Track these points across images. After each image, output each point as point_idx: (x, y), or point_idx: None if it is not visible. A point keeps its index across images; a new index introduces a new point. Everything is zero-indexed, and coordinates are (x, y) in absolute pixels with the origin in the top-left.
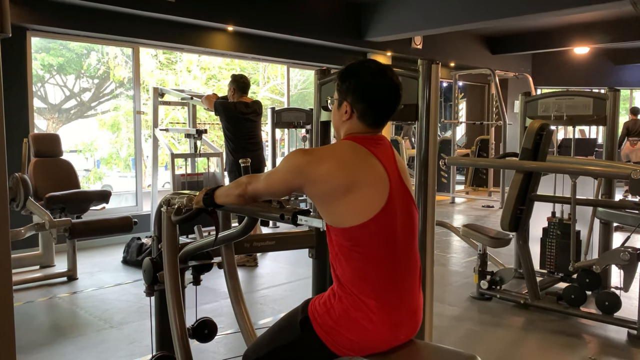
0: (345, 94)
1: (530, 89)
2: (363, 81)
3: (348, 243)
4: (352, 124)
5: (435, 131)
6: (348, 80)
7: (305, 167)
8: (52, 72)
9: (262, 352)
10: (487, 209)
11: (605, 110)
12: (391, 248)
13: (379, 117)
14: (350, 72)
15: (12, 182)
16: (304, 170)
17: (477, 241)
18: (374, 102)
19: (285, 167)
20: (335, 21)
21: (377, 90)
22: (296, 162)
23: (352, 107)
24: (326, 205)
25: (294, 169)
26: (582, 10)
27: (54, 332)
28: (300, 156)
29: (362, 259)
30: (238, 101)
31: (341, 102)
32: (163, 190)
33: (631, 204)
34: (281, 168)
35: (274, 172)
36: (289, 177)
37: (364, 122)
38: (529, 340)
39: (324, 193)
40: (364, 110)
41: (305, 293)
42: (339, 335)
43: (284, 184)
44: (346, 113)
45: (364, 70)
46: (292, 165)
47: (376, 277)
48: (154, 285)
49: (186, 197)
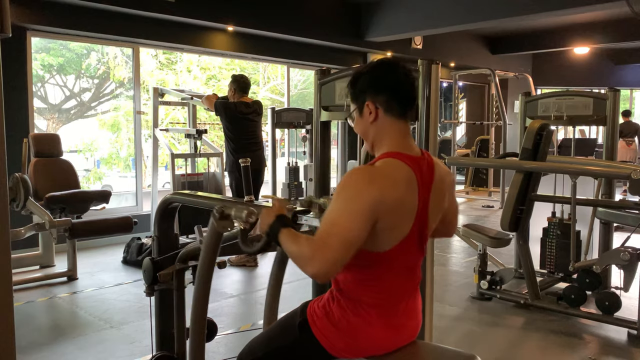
0: (362, 95)
1: (530, 89)
2: (376, 74)
3: (360, 262)
4: (381, 122)
5: (435, 131)
6: (359, 81)
7: (382, 198)
8: (52, 72)
9: (259, 354)
10: (487, 209)
11: (605, 110)
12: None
13: (404, 103)
14: (358, 74)
15: (12, 182)
16: (381, 201)
17: (477, 241)
18: (393, 89)
19: (356, 204)
20: (335, 21)
21: (392, 76)
22: (370, 194)
23: (374, 104)
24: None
25: (371, 203)
26: (582, 10)
27: (54, 332)
28: (370, 186)
29: (367, 274)
30: (239, 101)
31: (362, 106)
32: (163, 190)
33: (631, 204)
34: (351, 208)
35: (340, 217)
36: (368, 215)
37: (392, 114)
38: (529, 340)
39: (392, 222)
40: (387, 101)
41: (305, 294)
42: (338, 338)
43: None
44: (371, 114)
45: (371, 66)
46: (367, 199)
47: (376, 283)
48: (154, 285)
49: (246, 212)
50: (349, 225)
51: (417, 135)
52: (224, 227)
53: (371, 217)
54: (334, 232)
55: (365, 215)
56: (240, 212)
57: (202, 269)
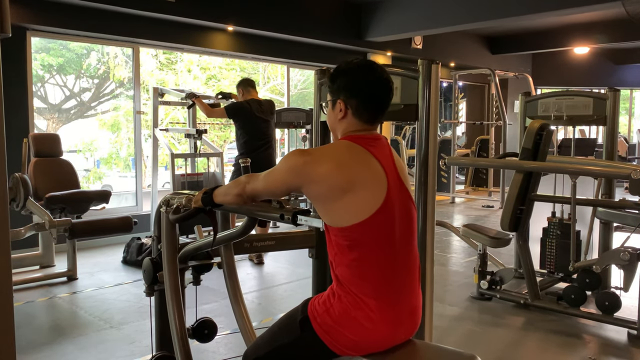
0: (338, 93)
1: (530, 89)
2: (353, 77)
3: (346, 242)
4: (347, 122)
5: (435, 131)
6: (338, 78)
7: (303, 168)
8: (52, 72)
9: (262, 352)
10: (487, 209)
11: (605, 110)
12: (389, 247)
13: (373, 112)
14: (339, 71)
15: (12, 182)
16: (302, 170)
17: (477, 241)
18: (366, 96)
19: (283, 167)
20: (335, 21)
21: (367, 84)
22: (295, 162)
23: (345, 105)
24: (325, 205)
25: (292, 169)
26: (582, 10)
27: (54, 332)
28: (298, 156)
29: (361, 259)
30: (250, 99)
31: (335, 102)
32: (163, 190)
33: (631, 203)
34: (280, 168)
35: (273, 171)
36: (288, 177)
37: (359, 118)
38: (529, 340)
39: (323, 193)
40: (358, 106)
41: (305, 293)
42: (339, 334)
43: (282, 184)
44: (340, 111)
45: (353, 67)
46: (291, 165)
47: (375, 276)
48: (154, 285)
49: (185, 197)
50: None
51: (417, 135)
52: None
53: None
54: (264, 179)
55: (287, 174)
56: (181, 198)
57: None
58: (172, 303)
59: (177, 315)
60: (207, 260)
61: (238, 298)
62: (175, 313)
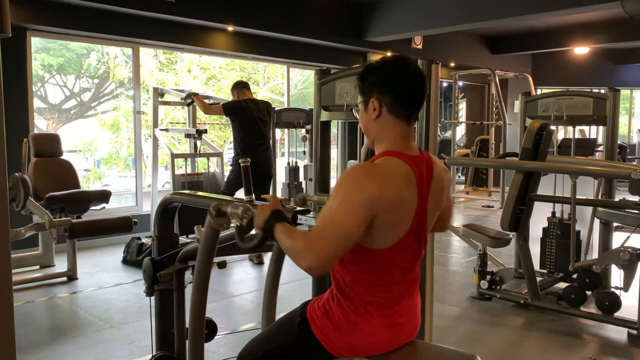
0: (370, 90)
1: (530, 89)
2: (386, 72)
3: (359, 259)
4: (383, 121)
5: (435, 131)
6: (370, 76)
7: (379, 194)
8: (52, 72)
9: (259, 353)
10: (487, 209)
11: (605, 110)
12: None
13: (410, 106)
14: (370, 69)
15: (12, 182)
16: (378, 197)
17: (477, 241)
18: (401, 90)
19: (353, 200)
20: (335, 21)
21: (401, 78)
22: (368, 190)
23: (379, 102)
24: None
25: (368, 199)
26: (582, 10)
27: (54, 332)
28: (368, 182)
29: (366, 271)
30: (247, 99)
31: (367, 101)
32: (163, 190)
33: (631, 203)
34: (348, 204)
35: (337, 213)
36: (365, 211)
37: (396, 115)
38: (529, 340)
39: (391, 219)
40: (393, 102)
41: (305, 293)
42: (338, 338)
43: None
44: (375, 110)
45: (384, 63)
46: (365, 195)
47: (375, 282)
48: (154, 285)
49: (241, 208)
50: (345, 219)
51: (417, 135)
52: (220, 224)
53: (369, 213)
54: (330, 226)
55: (362, 211)
56: (236, 208)
57: (200, 267)
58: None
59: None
60: None
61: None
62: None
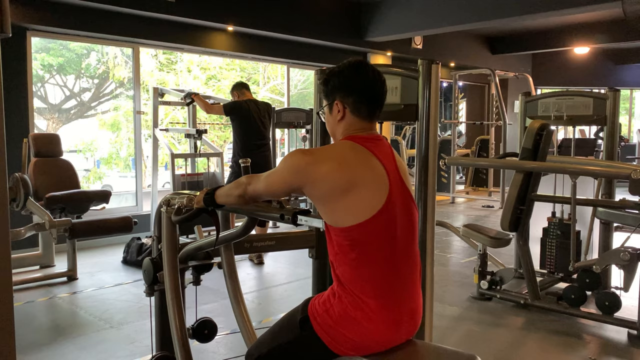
0: (333, 94)
1: (530, 89)
2: (347, 75)
3: (347, 242)
4: (347, 122)
5: (435, 131)
6: (331, 80)
7: (304, 168)
8: (52, 72)
9: (264, 351)
10: (487, 209)
11: (605, 110)
12: (390, 247)
13: (371, 106)
14: (332, 73)
15: (12, 182)
16: (303, 170)
17: (477, 241)
18: (362, 91)
19: (284, 167)
20: (335, 21)
21: (361, 79)
22: (296, 162)
23: (343, 104)
24: (326, 205)
25: (293, 169)
26: (582, 10)
27: (54, 332)
28: (299, 156)
29: (362, 259)
30: (247, 99)
31: (331, 104)
32: (163, 190)
33: (631, 203)
34: (280, 168)
35: (274, 172)
36: (289, 178)
37: (358, 115)
38: (529, 340)
39: (324, 193)
40: (355, 102)
41: (305, 293)
42: (339, 334)
43: (283, 185)
44: (339, 112)
45: (344, 67)
46: (292, 165)
47: (376, 277)
48: (154, 285)
49: (186, 197)
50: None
51: (417, 135)
52: (168, 211)
53: (295, 178)
54: (265, 179)
55: (288, 175)
56: (182, 198)
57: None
58: (172, 303)
59: (177, 315)
60: (207, 260)
61: (238, 298)
62: (175, 313)
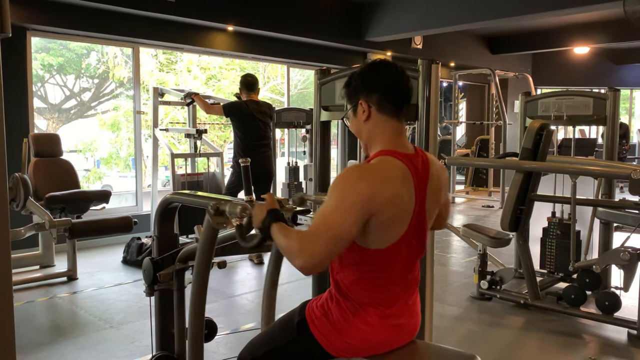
0: (356, 94)
1: (530, 89)
2: (368, 73)
3: (360, 259)
4: (373, 121)
5: (436, 131)
6: (354, 81)
7: (373, 194)
8: (52, 72)
9: (259, 353)
10: (487, 209)
11: (605, 110)
12: (400, 267)
13: (397, 101)
14: (353, 75)
15: (12, 182)
16: (372, 197)
17: (477, 241)
18: (386, 87)
19: (346, 200)
20: (335, 21)
21: (383, 76)
22: (361, 190)
23: (367, 103)
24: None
25: (361, 199)
26: (582, 10)
27: (54, 332)
28: (361, 182)
29: (369, 274)
30: (248, 99)
31: (356, 105)
32: (163, 190)
33: (631, 203)
34: (341, 204)
35: (330, 213)
36: (359, 211)
37: (385, 112)
38: (529, 340)
39: (389, 218)
40: (380, 99)
41: (306, 294)
42: (337, 338)
43: (353, 224)
44: (364, 112)
45: (364, 67)
46: (358, 195)
47: (376, 284)
48: (154, 285)
49: (240, 207)
50: (338, 220)
51: (417, 135)
52: (218, 223)
53: (363, 212)
54: (324, 226)
55: (356, 210)
56: (234, 208)
57: (200, 267)
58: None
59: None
60: None
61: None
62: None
